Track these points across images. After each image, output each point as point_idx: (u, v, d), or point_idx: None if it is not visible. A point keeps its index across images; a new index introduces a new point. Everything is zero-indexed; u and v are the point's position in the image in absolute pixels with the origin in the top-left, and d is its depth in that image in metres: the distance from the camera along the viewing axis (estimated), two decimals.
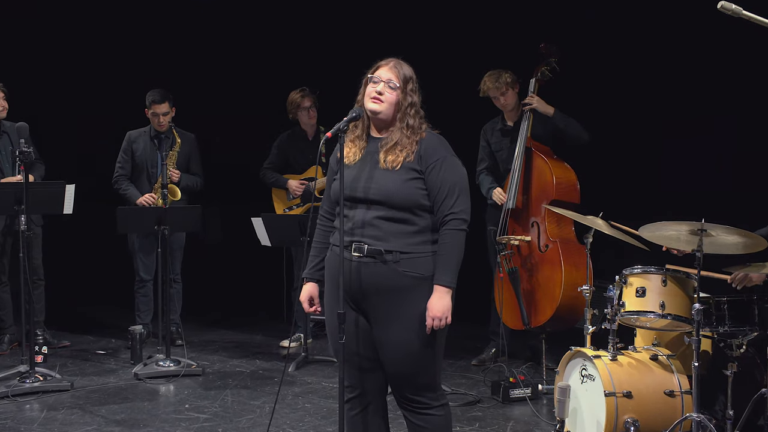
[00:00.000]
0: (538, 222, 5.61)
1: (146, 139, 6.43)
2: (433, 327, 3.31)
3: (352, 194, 3.40)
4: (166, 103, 6.33)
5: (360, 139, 3.47)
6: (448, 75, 6.84)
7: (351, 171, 3.43)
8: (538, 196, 5.63)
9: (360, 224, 3.36)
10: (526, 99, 5.74)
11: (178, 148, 6.36)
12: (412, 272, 3.32)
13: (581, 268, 5.30)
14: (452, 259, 3.32)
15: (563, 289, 5.35)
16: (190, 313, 6.84)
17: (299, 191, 6.60)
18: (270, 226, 6.05)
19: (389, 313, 3.34)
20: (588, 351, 4.38)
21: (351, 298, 3.40)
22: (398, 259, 3.32)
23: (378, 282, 3.33)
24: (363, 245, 3.34)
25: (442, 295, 3.30)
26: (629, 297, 4.35)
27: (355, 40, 7.20)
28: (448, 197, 3.34)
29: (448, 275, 3.31)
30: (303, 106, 6.51)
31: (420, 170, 3.35)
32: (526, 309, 5.56)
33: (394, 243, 3.32)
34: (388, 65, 3.44)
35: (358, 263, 3.35)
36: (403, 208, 3.33)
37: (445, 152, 3.40)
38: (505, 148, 5.91)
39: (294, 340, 6.52)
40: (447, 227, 3.33)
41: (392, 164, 3.36)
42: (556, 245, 5.48)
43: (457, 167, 3.40)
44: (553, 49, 5.74)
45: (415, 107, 3.42)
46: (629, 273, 4.38)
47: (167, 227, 5.83)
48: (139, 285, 6.54)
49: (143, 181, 6.42)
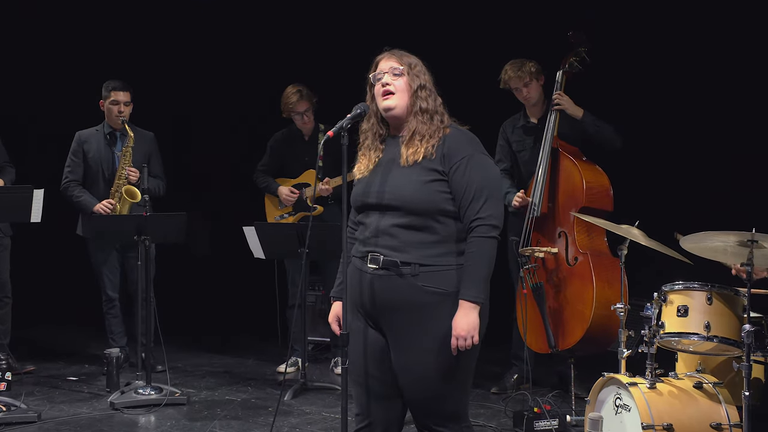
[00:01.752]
0: (565, 232, 5.59)
1: (99, 138, 6.41)
2: (459, 347, 3.29)
3: (364, 200, 3.42)
4: (128, 93, 6.33)
5: (371, 149, 3.49)
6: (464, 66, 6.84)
7: (367, 177, 3.45)
8: (565, 202, 5.61)
9: (374, 232, 3.37)
10: (554, 96, 5.72)
11: (131, 143, 6.33)
12: (433, 287, 3.31)
13: (615, 284, 5.28)
14: (479, 270, 3.30)
15: (594, 307, 5.34)
16: (174, 334, 6.80)
17: (291, 200, 6.60)
18: (264, 237, 6.02)
19: (408, 332, 3.33)
20: (623, 378, 4.36)
21: (367, 314, 3.42)
22: (417, 272, 3.31)
23: (394, 297, 3.33)
24: (378, 256, 3.34)
25: (467, 311, 3.28)
26: (670, 317, 4.34)
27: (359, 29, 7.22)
28: (475, 200, 3.32)
29: (475, 288, 3.29)
30: (297, 110, 6.50)
31: (443, 171, 3.35)
32: (552, 330, 5.55)
33: (413, 254, 3.32)
34: (385, 56, 3.49)
35: (372, 276, 3.36)
36: (423, 214, 3.32)
37: (471, 149, 3.39)
38: (527, 148, 5.90)
39: (291, 365, 6.51)
40: (474, 234, 3.32)
41: (412, 158, 3.35)
42: (586, 258, 5.47)
43: (486, 166, 3.40)
44: (582, 37, 5.74)
45: (426, 90, 3.44)
46: (669, 289, 4.38)
47: (147, 237, 5.80)
48: (108, 305, 6.51)
49: (99, 186, 6.38)
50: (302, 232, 5.84)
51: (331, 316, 3.62)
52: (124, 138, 6.36)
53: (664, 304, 4.37)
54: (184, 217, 6.02)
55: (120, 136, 6.37)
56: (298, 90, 6.49)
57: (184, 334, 7.48)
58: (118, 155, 6.29)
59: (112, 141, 6.38)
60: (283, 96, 6.54)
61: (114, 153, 6.32)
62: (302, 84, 6.55)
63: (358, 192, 3.46)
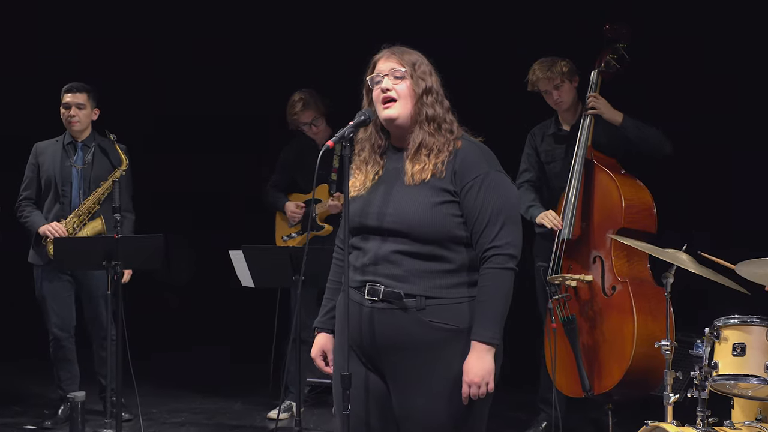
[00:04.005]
0: (601, 257, 5.58)
1: (56, 150, 6.36)
2: (471, 396, 3.27)
3: (362, 222, 3.40)
4: (84, 95, 6.29)
5: (368, 162, 3.49)
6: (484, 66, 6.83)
7: (364, 196, 3.44)
8: (601, 222, 5.60)
9: (374, 259, 3.36)
10: (589, 99, 5.71)
11: (124, 168, 6.24)
12: (441, 323, 3.30)
13: (659, 318, 5.24)
14: (495, 307, 3.29)
15: (636, 344, 5.31)
16: (148, 375, 6.78)
17: (296, 216, 6.60)
18: (253, 262, 5.99)
19: (412, 375, 3.32)
20: (670, 427, 4.34)
21: (364, 354, 3.40)
22: (423, 305, 3.30)
23: (397, 335, 3.32)
24: (378, 287, 3.32)
25: (481, 354, 3.27)
26: (724, 356, 4.31)
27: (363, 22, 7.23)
28: (490, 225, 3.32)
29: (490, 328, 3.28)
30: (302, 121, 6.49)
31: (454, 191, 3.34)
32: (586, 370, 5.52)
33: (419, 285, 3.31)
34: (385, 55, 3.48)
35: (371, 309, 3.34)
36: (431, 240, 3.32)
37: (486, 166, 3.38)
38: (558, 159, 5.91)
39: (284, 410, 6.52)
40: (488, 264, 3.31)
41: (420, 176, 3.34)
42: (625, 287, 5.45)
43: (503, 186, 3.39)
44: (621, 31, 5.74)
45: (433, 94, 3.43)
46: (723, 324, 4.35)
47: (118, 263, 5.75)
48: (55, 346, 6.35)
49: (53, 205, 6.32)
50: (296, 256, 5.81)
51: (315, 349, 3.60)
52: (87, 149, 6.32)
53: (718, 342, 4.34)
54: (160, 241, 6.00)
55: (82, 146, 6.33)
56: (301, 98, 6.48)
57: (161, 375, 7.47)
58: (76, 169, 6.25)
59: (70, 152, 6.35)
60: (287, 106, 6.56)
61: (71, 167, 6.28)
62: (309, 89, 6.54)
63: (355, 212, 3.43)
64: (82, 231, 6.19)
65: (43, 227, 6.21)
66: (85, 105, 6.32)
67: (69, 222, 6.20)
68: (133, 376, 5.75)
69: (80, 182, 6.30)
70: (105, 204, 6.20)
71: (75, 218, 6.20)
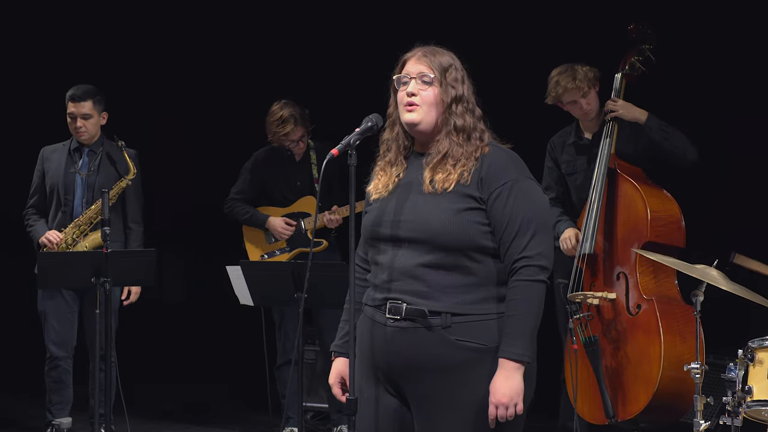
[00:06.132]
0: (626, 273, 5.58)
1: (62, 154, 6.40)
2: (498, 417, 3.28)
3: (374, 229, 3.41)
4: (88, 102, 6.29)
5: (393, 164, 3.49)
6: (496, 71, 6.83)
7: (381, 203, 3.45)
8: (626, 236, 5.60)
9: (395, 274, 3.35)
10: (608, 103, 5.70)
11: (131, 177, 6.27)
12: (469, 341, 3.30)
13: (688, 339, 5.25)
14: (525, 322, 3.30)
15: (663, 367, 5.30)
16: (140, 401, 6.78)
17: (286, 234, 6.56)
18: (252, 279, 5.99)
19: (437, 400, 3.33)
20: None
21: (385, 377, 3.41)
22: (449, 323, 3.30)
23: (421, 356, 3.32)
24: (400, 304, 3.32)
25: (510, 372, 3.27)
26: (759, 380, 4.31)
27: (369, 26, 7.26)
28: (520, 235, 3.32)
29: (520, 345, 3.28)
30: (291, 139, 6.46)
31: (480, 197, 3.34)
32: (610, 395, 5.51)
33: (444, 301, 3.31)
34: (416, 56, 3.47)
35: (393, 330, 3.35)
36: (455, 250, 3.31)
37: (516, 172, 3.38)
38: (580, 171, 5.91)
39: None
40: (518, 276, 3.31)
41: (442, 185, 3.34)
42: (651, 305, 5.44)
43: (534, 193, 3.40)
44: (647, 31, 5.75)
45: (463, 102, 3.43)
46: (758, 346, 4.36)
47: (108, 279, 5.75)
48: (51, 365, 6.36)
49: (56, 213, 6.35)
50: (299, 272, 5.80)
51: (333, 376, 3.60)
52: (93, 156, 6.33)
53: (752, 365, 4.34)
54: (152, 256, 6.00)
55: (88, 152, 6.34)
56: (291, 114, 6.41)
57: (153, 401, 7.48)
58: (80, 176, 6.25)
59: (75, 158, 6.36)
60: (270, 120, 6.47)
61: (76, 173, 6.28)
62: (290, 100, 6.48)
63: (369, 221, 3.44)
64: (82, 243, 6.18)
65: (43, 236, 6.23)
66: (91, 114, 6.31)
67: (68, 232, 6.21)
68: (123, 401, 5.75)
69: (84, 190, 6.30)
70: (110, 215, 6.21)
71: (75, 228, 6.20)
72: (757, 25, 6.51)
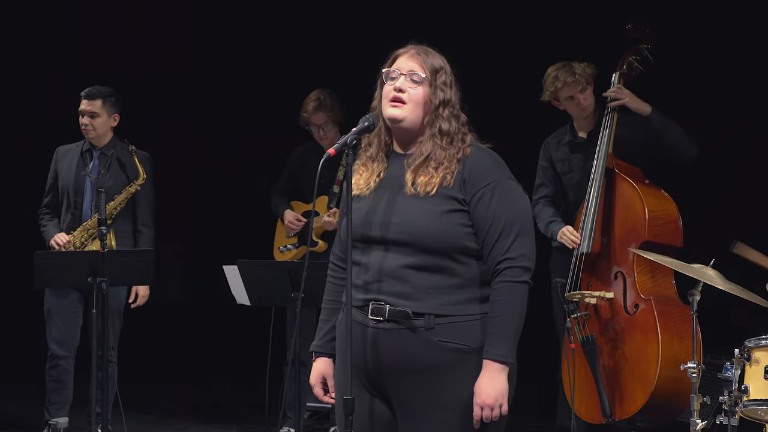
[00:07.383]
0: (623, 272, 5.59)
1: (74, 156, 6.40)
2: (483, 418, 3.28)
3: (364, 233, 3.38)
4: (98, 102, 6.29)
5: (375, 160, 3.48)
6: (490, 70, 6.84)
7: (365, 202, 3.43)
8: (623, 236, 5.61)
9: (378, 275, 3.35)
10: (611, 91, 5.68)
11: (140, 182, 6.24)
12: (452, 342, 3.30)
13: (685, 338, 5.27)
14: (509, 323, 3.29)
15: (660, 367, 5.32)
16: (137, 401, 6.78)
17: (294, 228, 6.58)
18: (249, 278, 6.00)
19: (420, 400, 3.32)
20: None
21: (368, 379, 3.39)
22: (432, 324, 3.30)
23: (405, 357, 3.32)
24: (383, 305, 3.32)
25: (494, 374, 3.27)
26: (755, 379, 4.30)
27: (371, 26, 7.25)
28: (503, 237, 3.32)
29: (504, 346, 3.28)
30: (313, 122, 6.46)
31: (463, 199, 3.34)
32: (607, 395, 5.52)
33: (428, 302, 3.31)
34: (408, 53, 3.46)
35: (375, 331, 3.34)
36: (439, 252, 3.31)
37: (498, 173, 3.38)
38: (576, 169, 5.91)
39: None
40: (501, 278, 3.31)
41: (424, 188, 3.34)
42: (649, 305, 5.45)
43: (516, 195, 3.40)
44: (645, 31, 5.75)
45: (450, 107, 3.42)
46: (755, 345, 4.34)
47: (104, 279, 5.75)
48: (51, 364, 6.35)
49: (66, 215, 6.34)
50: (296, 272, 5.81)
51: (314, 377, 3.58)
52: (104, 158, 6.32)
53: (748, 364, 4.33)
54: (150, 256, 6.01)
55: (99, 155, 6.33)
56: (318, 97, 6.44)
57: (150, 401, 7.48)
58: (90, 179, 6.25)
59: (86, 160, 6.36)
60: (303, 102, 6.52)
61: (86, 176, 6.28)
62: (330, 91, 6.49)
63: (357, 222, 3.41)
64: (90, 246, 6.16)
65: (53, 238, 6.23)
66: (99, 113, 6.29)
67: (77, 235, 6.19)
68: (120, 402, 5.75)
69: (93, 193, 6.27)
70: (118, 220, 6.22)
71: (83, 232, 6.17)
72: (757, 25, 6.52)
